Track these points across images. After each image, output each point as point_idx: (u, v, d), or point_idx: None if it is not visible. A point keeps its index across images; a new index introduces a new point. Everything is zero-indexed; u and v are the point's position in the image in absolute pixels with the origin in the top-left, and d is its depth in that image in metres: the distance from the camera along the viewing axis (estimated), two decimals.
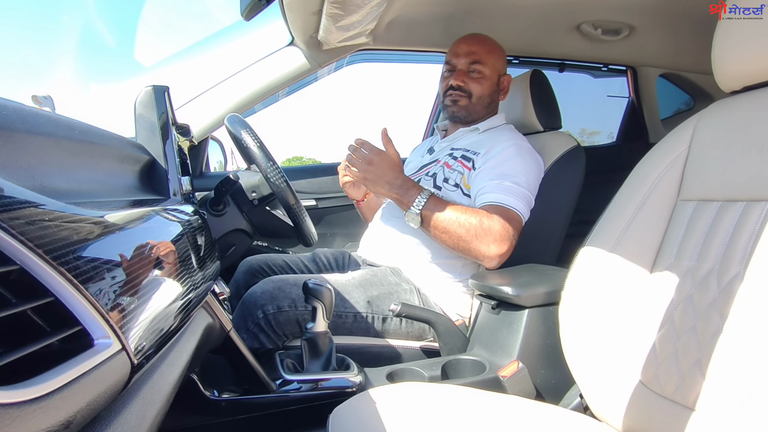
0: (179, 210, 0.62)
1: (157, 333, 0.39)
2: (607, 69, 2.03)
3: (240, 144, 1.06)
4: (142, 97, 0.68)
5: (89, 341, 0.28)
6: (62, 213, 0.28)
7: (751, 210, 0.71)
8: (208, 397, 0.76)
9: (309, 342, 0.92)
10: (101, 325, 0.28)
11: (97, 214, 0.33)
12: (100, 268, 0.29)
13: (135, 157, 0.58)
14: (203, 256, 0.64)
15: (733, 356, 0.66)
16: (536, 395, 0.96)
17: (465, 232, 1.12)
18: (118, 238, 0.35)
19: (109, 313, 0.29)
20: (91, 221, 0.31)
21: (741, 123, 0.77)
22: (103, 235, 0.32)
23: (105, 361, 0.28)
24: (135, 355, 0.32)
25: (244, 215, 1.13)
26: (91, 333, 0.28)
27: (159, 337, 0.39)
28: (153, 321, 0.39)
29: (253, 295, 1.11)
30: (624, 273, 0.82)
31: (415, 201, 1.15)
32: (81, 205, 0.34)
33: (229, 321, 0.74)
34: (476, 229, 1.11)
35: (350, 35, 1.40)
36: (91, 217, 0.31)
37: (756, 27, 0.75)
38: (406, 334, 1.20)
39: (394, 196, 1.17)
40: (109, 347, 0.29)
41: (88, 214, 0.31)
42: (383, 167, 1.16)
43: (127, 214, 0.42)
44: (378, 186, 1.17)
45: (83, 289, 0.27)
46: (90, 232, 0.30)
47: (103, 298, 0.29)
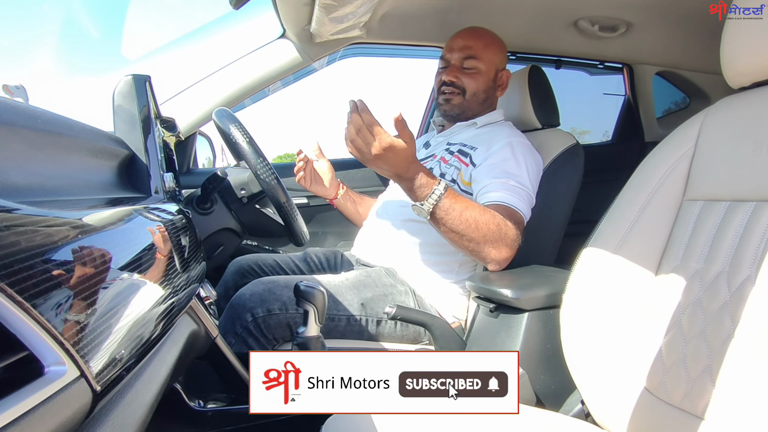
0: (160, 209, 0.58)
1: (131, 347, 0.35)
2: (604, 66, 2.01)
3: (228, 139, 1.02)
4: (121, 87, 0.64)
5: (39, 368, 0.24)
6: (7, 215, 0.24)
7: (762, 210, 0.69)
8: (193, 408, 0.72)
9: (300, 347, 0.88)
10: (53, 349, 0.24)
11: (57, 215, 0.29)
12: (54, 282, 0.25)
13: (112, 151, 0.54)
14: (187, 259, 0.60)
15: (746, 363, 0.63)
16: (536, 401, 0.93)
17: (481, 236, 1.04)
18: (82, 243, 0.31)
19: (65, 334, 0.25)
20: (48, 224, 0.27)
21: (750, 120, 0.74)
22: (62, 240, 0.28)
23: (59, 392, 0.24)
24: (98, 381, 0.27)
25: (233, 214, 1.09)
26: (41, 359, 0.24)
27: (133, 352, 0.34)
28: (125, 336, 0.35)
29: (241, 298, 1.07)
30: (628, 275, 0.80)
31: (428, 195, 1.02)
32: (41, 205, 0.30)
33: (215, 327, 0.70)
34: (493, 234, 1.04)
35: (343, 27, 1.36)
36: (47, 219, 0.27)
37: (766, 23, 0.72)
38: (401, 337, 1.16)
39: (404, 188, 1.05)
40: (64, 375, 0.24)
41: (44, 215, 0.27)
42: (394, 159, 0.99)
43: (98, 215, 0.38)
44: (386, 174, 1.04)
45: (29, 308, 0.23)
46: (46, 237, 0.26)
47: (57, 316, 0.24)
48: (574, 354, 0.81)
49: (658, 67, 2.02)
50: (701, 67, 1.94)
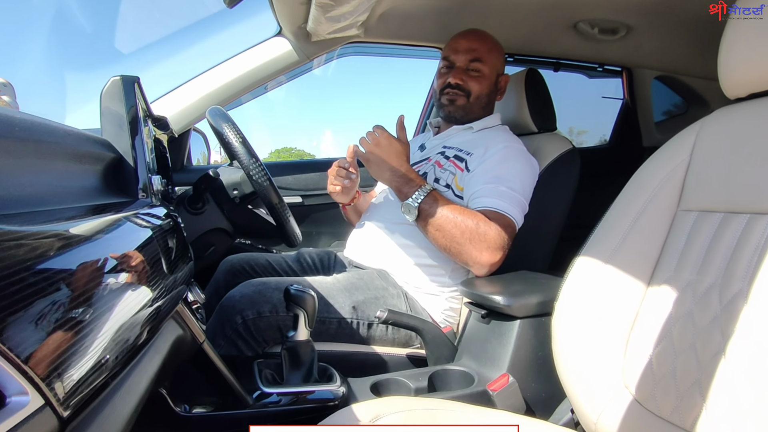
0: (146, 213, 0.57)
1: (116, 352, 0.34)
2: (603, 69, 2.00)
3: (221, 138, 1.01)
4: (108, 88, 0.62)
5: (1, 399, 0.23)
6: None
7: (756, 223, 0.68)
8: (179, 413, 0.71)
9: (289, 351, 0.87)
10: (14, 378, 0.23)
11: (28, 231, 0.28)
12: (18, 305, 0.24)
13: (97, 155, 0.53)
14: (173, 261, 0.59)
15: (735, 379, 0.62)
16: (526, 410, 0.92)
17: (460, 233, 1.08)
18: (56, 259, 0.30)
19: (29, 361, 0.24)
20: (16, 239, 0.26)
21: (746, 132, 0.74)
22: (34, 258, 0.27)
23: (20, 424, 0.23)
24: (65, 407, 0.26)
25: (225, 214, 1.08)
26: (2, 389, 0.23)
27: (118, 358, 0.34)
28: (109, 343, 0.34)
29: (231, 300, 1.06)
30: (620, 285, 0.79)
31: (414, 193, 1.12)
32: (13, 219, 0.29)
33: (201, 332, 0.69)
34: (471, 232, 1.07)
35: (340, 26, 1.35)
36: (13, 234, 0.26)
37: (764, 33, 0.71)
38: (393, 340, 1.16)
39: (394, 184, 1.15)
40: (26, 405, 0.24)
41: (13, 231, 0.26)
42: (389, 152, 1.16)
43: (77, 227, 0.37)
44: (381, 170, 1.16)
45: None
46: (13, 256, 0.25)
47: (21, 343, 0.23)
48: (565, 363, 0.81)
49: (657, 72, 2.01)
50: (700, 73, 1.93)
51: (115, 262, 0.39)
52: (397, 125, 1.19)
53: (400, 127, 1.19)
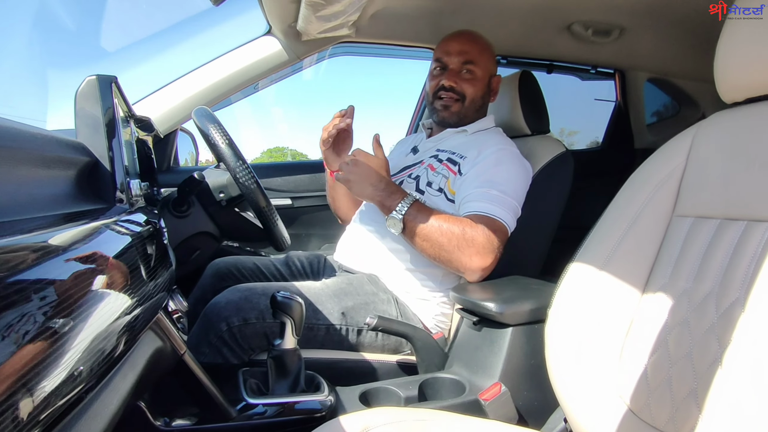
0: (123, 220, 0.54)
1: (90, 363, 0.32)
2: (596, 72, 1.99)
3: (208, 140, 0.98)
4: (83, 88, 0.59)
5: None
6: None
7: (753, 230, 0.67)
8: (158, 426, 0.68)
9: (276, 360, 0.85)
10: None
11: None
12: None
13: (68, 160, 0.50)
14: (152, 268, 0.56)
15: (732, 389, 0.61)
16: (518, 419, 0.91)
17: (447, 241, 1.06)
18: (18, 277, 0.27)
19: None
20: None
21: (743, 137, 0.72)
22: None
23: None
24: (33, 425, 0.24)
25: (211, 217, 1.06)
26: None
27: (93, 371, 0.31)
28: (80, 360, 0.31)
29: (216, 306, 1.03)
30: (615, 292, 0.78)
31: (397, 206, 1.10)
32: None
33: (182, 343, 0.66)
34: (458, 239, 1.06)
35: (331, 26, 1.32)
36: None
37: (762, 37, 0.70)
38: (382, 347, 1.13)
39: (377, 199, 1.13)
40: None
41: None
42: (368, 168, 1.14)
43: (39, 238, 0.34)
44: (362, 187, 1.14)
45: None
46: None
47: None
48: (559, 371, 0.79)
49: (649, 74, 2.02)
50: (692, 75, 1.93)
51: (88, 274, 0.37)
52: (373, 144, 1.19)
53: (377, 145, 1.18)
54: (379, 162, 1.16)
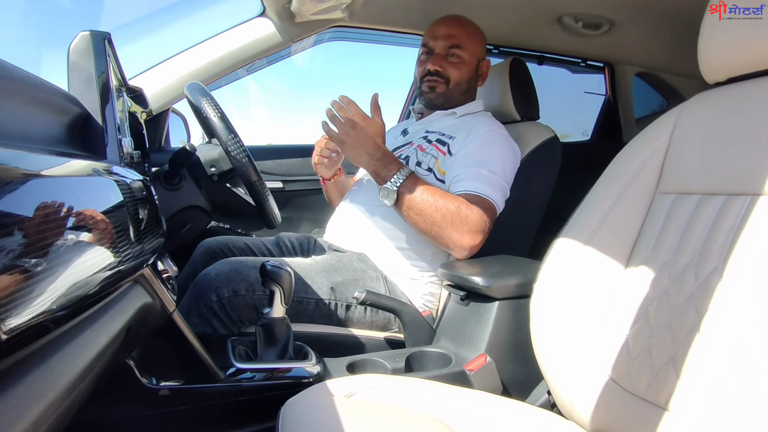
0: (116, 172, 0.54)
1: (61, 302, 0.32)
2: (586, 65, 2.02)
3: (199, 114, 0.98)
4: (77, 43, 0.59)
5: None
6: None
7: (731, 204, 0.69)
8: (146, 384, 0.69)
9: (264, 328, 0.85)
10: None
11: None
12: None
13: (60, 106, 0.50)
14: (143, 231, 0.56)
15: (709, 355, 0.63)
16: (503, 390, 0.92)
17: (441, 217, 1.07)
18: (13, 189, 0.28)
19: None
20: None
21: (724, 115, 0.75)
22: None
23: None
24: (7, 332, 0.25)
25: (202, 191, 1.05)
26: None
27: (63, 304, 0.31)
28: (54, 289, 0.31)
29: (207, 277, 1.03)
30: (599, 266, 0.79)
31: (393, 176, 1.08)
32: None
33: (172, 302, 0.66)
34: (453, 216, 1.07)
35: (325, 8, 1.33)
36: None
37: (743, 18, 0.72)
38: (371, 323, 1.14)
39: (371, 168, 1.11)
40: None
41: None
42: (366, 134, 1.10)
43: (38, 160, 0.34)
44: (357, 153, 1.10)
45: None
46: None
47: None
48: (543, 344, 0.81)
49: (638, 68, 2.04)
50: (679, 70, 1.96)
51: (77, 212, 0.37)
52: (372, 105, 1.15)
53: (375, 107, 1.15)
54: (377, 128, 1.13)
